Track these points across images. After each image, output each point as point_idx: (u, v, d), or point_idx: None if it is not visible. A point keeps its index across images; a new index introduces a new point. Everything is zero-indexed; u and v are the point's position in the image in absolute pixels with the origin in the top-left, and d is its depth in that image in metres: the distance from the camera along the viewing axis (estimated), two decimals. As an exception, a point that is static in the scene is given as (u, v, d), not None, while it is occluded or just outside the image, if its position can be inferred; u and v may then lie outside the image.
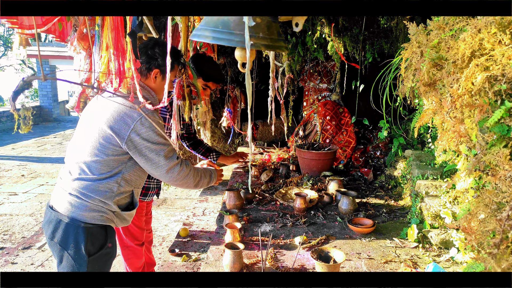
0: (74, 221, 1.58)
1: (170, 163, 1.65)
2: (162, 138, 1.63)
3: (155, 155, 1.62)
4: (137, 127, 1.57)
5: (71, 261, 1.60)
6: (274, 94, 1.53)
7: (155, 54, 1.70)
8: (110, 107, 1.62)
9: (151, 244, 2.75)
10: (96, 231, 1.62)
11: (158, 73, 1.73)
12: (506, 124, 1.12)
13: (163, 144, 1.63)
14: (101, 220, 1.63)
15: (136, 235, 2.36)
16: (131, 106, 1.60)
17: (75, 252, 1.58)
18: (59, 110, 13.56)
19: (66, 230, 1.58)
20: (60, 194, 1.64)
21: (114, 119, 1.58)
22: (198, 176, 1.82)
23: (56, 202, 1.64)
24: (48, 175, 6.32)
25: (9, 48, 14.89)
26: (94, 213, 1.60)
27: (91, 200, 1.59)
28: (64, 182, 1.64)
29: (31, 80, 1.05)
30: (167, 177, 1.67)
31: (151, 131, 1.59)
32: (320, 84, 4.50)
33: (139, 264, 2.44)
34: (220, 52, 4.39)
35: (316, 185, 2.89)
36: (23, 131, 1.13)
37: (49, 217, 1.64)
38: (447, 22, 1.48)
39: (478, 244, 1.13)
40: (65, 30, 2.89)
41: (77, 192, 1.59)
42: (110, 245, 1.71)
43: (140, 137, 1.58)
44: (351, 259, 1.83)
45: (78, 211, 1.58)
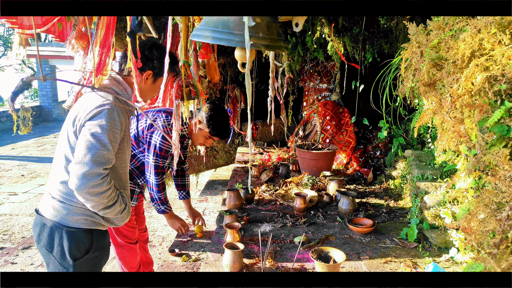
0: (57, 225, 1.54)
1: (93, 168, 1.43)
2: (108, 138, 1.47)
3: (85, 147, 1.44)
4: (92, 113, 1.47)
5: (57, 265, 1.57)
6: (274, 94, 1.53)
7: (152, 56, 1.67)
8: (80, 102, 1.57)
9: (147, 243, 2.76)
10: (80, 235, 1.56)
11: (151, 75, 1.70)
12: (506, 124, 1.12)
13: (103, 144, 1.46)
14: (86, 223, 1.57)
15: (128, 234, 2.36)
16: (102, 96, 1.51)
17: (60, 256, 1.56)
18: (59, 110, 13.56)
19: (51, 234, 1.55)
20: (45, 198, 1.61)
21: (81, 106, 1.53)
22: (114, 201, 1.54)
23: (42, 206, 1.61)
24: (48, 175, 6.31)
25: (9, 48, 14.89)
26: (77, 216, 1.55)
27: (74, 204, 1.55)
28: (50, 185, 1.61)
29: (30, 81, 1.05)
30: (79, 180, 1.42)
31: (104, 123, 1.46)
32: (320, 84, 4.50)
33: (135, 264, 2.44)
34: (220, 52, 4.39)
35: (316, 185, 2.89)
36: (23, 132, 1.12)
37: (35, 221, 1.62)
38: (447, 22, 1.48)
39: (478, 244, 1.13)
40: (64, 30, 2.89)
41: (60, 196, 1.55)
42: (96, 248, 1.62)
43: (89, 124, 1.47)
44: (351, 259, 1.83)
45: (61, 215, 1.54)
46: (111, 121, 1.48)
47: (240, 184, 2.94)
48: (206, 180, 6.05)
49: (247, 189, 2.64)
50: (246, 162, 3.80)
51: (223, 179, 6.10)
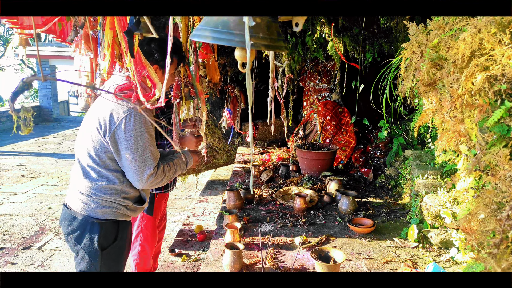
0: (87, 218, 1.64)
1: (146, 172, 1.60)
2: (146, 141, 1.58)
3: (133, 160, 1.57)
4: (121, 124, 1.54)
5: (85, 255, 1.66)
6: (274, 94, 1.53)
7: (152, 50, 1.67)
8: (103, 106, 1.61)
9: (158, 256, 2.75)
10: (108, 226, 1.67)
11: (157, 68, 1.70)
12: (506, 124, 1.12)
13: (143, 149, 1.58)
14: (113, 215, 1.68)
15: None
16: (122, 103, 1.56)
17: (88, 246, 1.65)
18: (59, 110, 13.56)
19: (80, 226, 1.64)
20: (73, 193, 1.69)
21: (104, 114, 1.57)
22: (172, 171, 1.74)
23: (70, 201, 1.69)
24: (48, 175, 6.31)
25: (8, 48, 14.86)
26: (106, 209, 1.65)
27: (101, 198, 1.64)
28: (76, 181, 1.68)
29: (30, 81, 1.05)
30: (141, 184, 1.63)
31: (137, 131, 1.55)
32: (320, 84, 4.50)
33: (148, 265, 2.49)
34: (220, 52, 4.39)
35: (316, 185, 2.89)
36: (24, 132, 1.12)
37: (64, 215, 1.70)
38: (447, 22, 1.48)
39: (478, 244, 1.13)
40: (65, 30, 2.89)
41: (87, 191, 1.64)
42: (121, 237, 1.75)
43: (124, 135, 1.55)
44: (351, 259, 1.83)
45: (91, 208, 1.64)
46: (142, 121, 1.57)
47: (240, 184, 2.94)
48: (206, 180, 6.05)
49: (247, 189, 2.64)
50: (246, 162, 3.80)
51: (223, 179, 6.11)
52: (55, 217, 4.51)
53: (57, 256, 3.56)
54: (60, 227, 4.20)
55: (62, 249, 3.69)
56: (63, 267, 3.37)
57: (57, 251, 3.65)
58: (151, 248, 2.43)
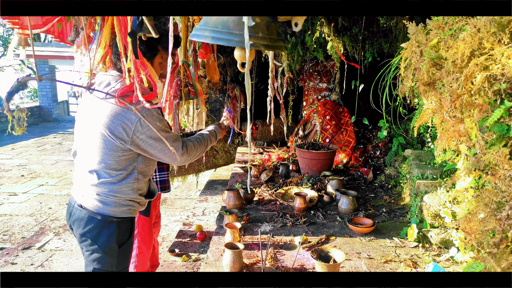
0: (106, 218, 1.68)
1: (177, 152, 1.72)
2: (164, 132, 1.66)
3: (161, 150, 1.67)
4: (138, 129, 1.61)
5: (102, 253, 1.68)
6: (274, 94, 1.53)
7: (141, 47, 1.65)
8: (106, 109, 1.61)
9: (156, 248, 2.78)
10: (126, 223, 1.75)
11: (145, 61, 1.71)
12: (506, 124, 1.12)
13: (165, 138, 1.64)
14: (130, 213, 1.74)
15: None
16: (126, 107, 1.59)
17: (107, 245, 1.68)
18: (59, 110, 13.55)
19: (98, 226, 1.67)
20: (89, 194, 1.69)
21: (114, 123, 1.59)
22: (204, 145, 1.88)
23: (86, 202, 1.70)
24: (48, 175, 6.31)
25: (8, 48, 14.86)
26: (123, 207, 1.71)
27: (118, 198, 1.69)
28: (87, 187, 1.69)
29: (25, 81, 1.05)
30: (180, 163, 1.77)
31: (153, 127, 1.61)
32: (320, 84, 4.50)
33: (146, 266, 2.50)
34: (220, 52, 4.39)
35: (316, 185, 2.89)
36: (17, 132, 1.12)
37: (79, 216, 1.70)
38: (446, 21, 1.48)
39: (478, 243, 1.13)
40: (64, 30, 2.89)
41: (104, 194, 1.67)
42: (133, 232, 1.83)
43: (144, 136, 1.62)
44: (351, 259, 1.83)
45: (109, 207, 1.67)
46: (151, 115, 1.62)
47: (240, 184, 2.94)
48: (206, 180, 6.05)
49: (247, 189, 2.64)
50: (246, 162, 3.80)
51: (223, 179, 6.11)
52: (55, 217, 4.51)
53: (57, 256, 3.56)
54: (60, 227, 4.20)
55: (62, 249, 3.69)
56: (63, 267, 3.37)
57: (57, 251, 3.66)
58: (148, 249, 2.46)
